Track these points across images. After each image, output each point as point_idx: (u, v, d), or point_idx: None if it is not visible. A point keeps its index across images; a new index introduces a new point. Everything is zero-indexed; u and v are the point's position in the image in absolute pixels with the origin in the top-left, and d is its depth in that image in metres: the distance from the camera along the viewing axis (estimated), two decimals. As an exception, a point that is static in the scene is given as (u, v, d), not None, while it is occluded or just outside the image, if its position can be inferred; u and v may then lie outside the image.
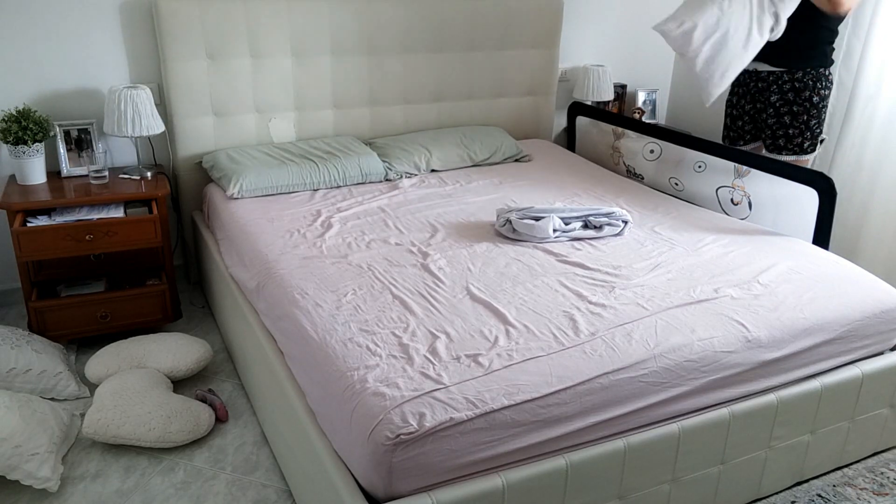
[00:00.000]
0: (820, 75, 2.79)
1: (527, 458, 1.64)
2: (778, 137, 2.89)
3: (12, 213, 2.59)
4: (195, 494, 2.05)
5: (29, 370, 2.38)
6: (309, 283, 2.09)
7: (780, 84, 2.84)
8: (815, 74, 2.79)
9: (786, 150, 2.87)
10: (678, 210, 2.79)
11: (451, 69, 3.46)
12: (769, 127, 2.91)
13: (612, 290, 2.08)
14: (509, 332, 1.83)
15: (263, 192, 2.83)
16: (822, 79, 2.80)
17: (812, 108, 2.81)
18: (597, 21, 3.91)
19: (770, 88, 2.88)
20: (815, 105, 2.80)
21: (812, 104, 2.80)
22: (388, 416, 1.51)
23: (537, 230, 2.41)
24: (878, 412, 2.20)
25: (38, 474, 1.98)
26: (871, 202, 3.19)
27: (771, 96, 2.88)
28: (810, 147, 2.85)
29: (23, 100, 2.83)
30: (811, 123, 2.82)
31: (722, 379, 1.86)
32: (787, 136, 2.86)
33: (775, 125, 2.89)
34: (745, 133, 3.00)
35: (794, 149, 2.85)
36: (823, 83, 2.80)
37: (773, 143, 2.91)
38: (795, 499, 2.10)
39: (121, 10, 2.90)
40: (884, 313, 2.12)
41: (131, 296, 2.75)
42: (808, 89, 2.80)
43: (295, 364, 1.91)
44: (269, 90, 3.12)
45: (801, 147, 2.85)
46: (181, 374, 2.49)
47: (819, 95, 2.80)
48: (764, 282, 2.16)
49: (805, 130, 2.83)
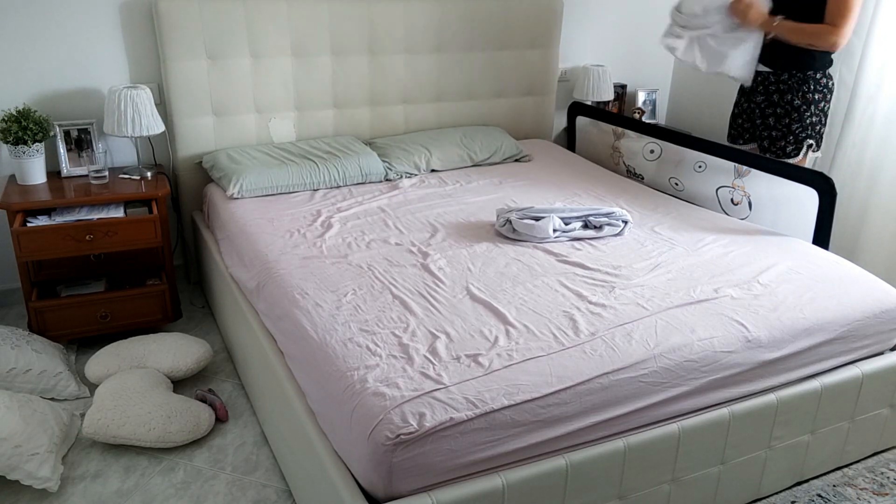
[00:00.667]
0: (808, 78, 2.69)
1: (527, 458, 1.64)
2: (763, 139, 2.87)
3: (12, 213, 2.59)
4: (195, 494, 2.05)
5: (29, 370, 2.38)
6: (309, 283, 2.09)
7: (766, 85, 2.81)
8: (801, 77, 2.70)
9: (769, 153, 2.84)
10: (678, 210, 2.79)
11: (451, 69, 3.47)
12: (757, 127, 2.89)
13: (612, 290, 2.08)
14: (509, 332, 1.83)
15: (263, 192, 2.83)
16: (810, 82, 2.70)
17: (793, 111, 2.73)
18: (597, 21, 3.91)
19: (757, 89, 2.84)
20: (796, 109, 2.72)
21: (793, 108, 2.73)
22: (388, 416, 1.51)
23: (537, 230, 2.41)
24: (878, 412, 2.20)
25: (38, 474, 1.98)
26: (870, 202, 3.19)
27: (758, 97, 2.85)
28: (793, 151, 2.78)
29: (23, 100, 2.83)
30: (793, 127, 2.74)
31: (722, 379, 1.86)
32: (771, 138, 2.82)
33: (761, 126, 2.86)
34: (744, 132, 2.99)
35: (777, 152, 2.81)
36: (811, 87, 2.70)
37: (760, 145, 2.89)
38: (795, 499, 2.10)
39: (121, 10, 2.90)
40: (884, 313, 2.12)
41: (131, 296, 2.75)
42: (790, 92, 2.73)
43: (295, 364, 1.91)
44: (269, 90, 3.12)
45: (784, 151, 2.79)
46: (181, 374, 2.49)
47: (803, 99, 2.71)
48: (764, 282, 2.16)
49: (787, 134, 2.77)
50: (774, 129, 2.80)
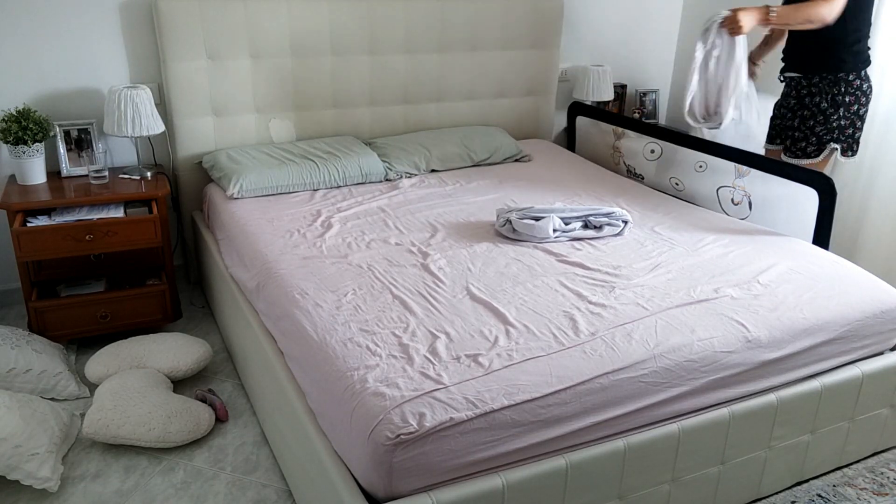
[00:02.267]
0: (839, 80, 2.70)
1: (527, 458, 1.64)
2: (786, 139, 2.89)
3: (12, 213, 2.59)
4: (195, 494, 2.05)
5: (29, 370, 2.38)
6: (309, 283, 2.09)
7: (799, 89, 2.83)
8: (831, 80, 2.71)
9: (789, 153, 2.86)
10: (678, 210, 2.79)
11: (451, 69, 3.46)
12: (786, 129, 2.90)
13: (612, 290, 2.08)
14: (509, 332, 1.83)
15: (263, 192, 2.83)
16: (842, 84, 2.70)
17: (819, 113, 2.74)
18: (597, 21, 3.90)
19: (791, 94, 2.87)
20: (822, 111, 2.73)
21: (820, 110, 2.74)
22: (388, 416, 1.51)
23: (537, 230, 2.41)
24: (878, 412, 2.20)
25: (38, 474, 1.98)
26: (869, 202, 3.19)
27: (790, 101, 2.87)
28: (814, 153, 2.79)
29: (23, 100, 2.83)
30: (817, 129, 2.76)
31: (722, 379, 1.86)
32: (793, 138, 2.84)
33: (788, 128, 2.88)
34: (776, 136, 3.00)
35: (797, 152, 2.82)
36: (842, 89, 2.70)
37: (784, 145, 2.91)
38: (795, 499, 2.10)
39: (121, 10, 2.90)
40: (884, 313, 2.12)
41: (131, 296, 2.75)
42: (820, 94, 2.74)
43: (295, 364, 1.91)
44: (269, 90, 3.12)
45: (805, 151, 2.80)
46: (181, 374, 2.49)
47: (831, 102, 2.71)
48: (764, 282, 2.16)
49: (810, 136, 2.78)
50: (798, 131, 2.82)
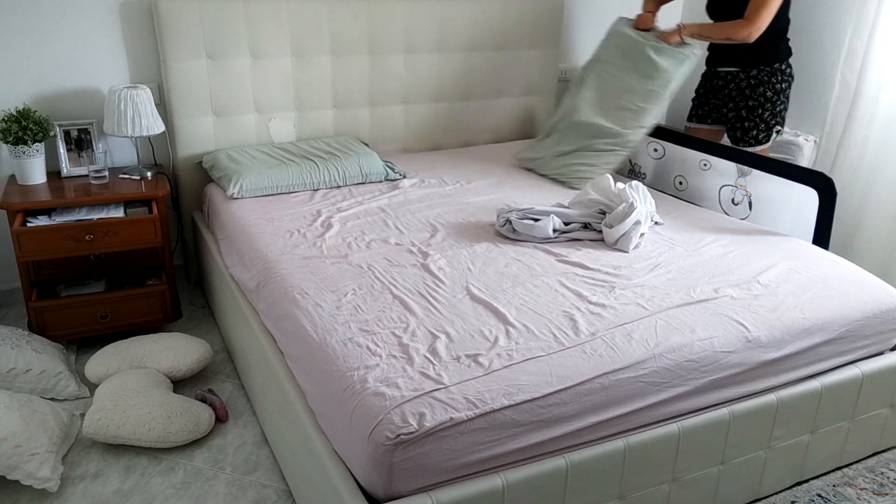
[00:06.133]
0: (775, 71, 2.97)
1: (527, 458, 1.64)
2: (736, 130, 3.09)
3: (12, 213, 2.59)
4: (195, 494, 2.05)
5: (29, 370, 2.38)
6: (309, 283, 2.09)
7: (738, 82, 3.05)
8: (768, 71, 2.97)
9: (742, 142, 3.07)
10: (678, 210, 2.79)
11: (451, 69, 3.46)
12: (729, 120, 3.12)
13: (612, 290, 2.08)
14: (509, 332, 1.83)
15: (263, 192, 2.83)
16: (778, 73, 2.97)
17: (766, 102, 2.99)
18: (597, 21, 3.90)
19: (728, 86, 3.09)
20: (769, 100, 2.98)
21: (766, 98, 2.98)
22: (388, 416, 1.51)
23: (537, 230, 2.41)
24: (878, 412, 2.20)
25: (38, 474, 1.98)
26: (868, 202, 3.19)
27: (731, 92, 3.08)
28: (764, 138, 3.04)
29: (23, 100, 2.83)
30: (765, 116, 3.00)
31: (722, 379, 1.86)
32: (744, 128, 3.06)
33: (734, 118, 3.09)
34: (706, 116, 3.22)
35: (750, 140, 3.05)
36: (779, 77, 2.97)
37: (732, 136, 3.12)
38: (795, 499, 2.10)
39: (121, 10, 2.90)
40: (884, 313, 2.12)
41: (131, 296, 2.75)
42: (762, 85, 2.98)
43: (295, 364, 1.91)
44: (269, 90, 3.12)
45: (756, 139, 3.04)
46: (181, 374, 2.49)
47: (773, 90, 2.97)
48: (764, 282, 2.16)
49: (759, 123, 3.02)
50: (747, 121, 3.05)
